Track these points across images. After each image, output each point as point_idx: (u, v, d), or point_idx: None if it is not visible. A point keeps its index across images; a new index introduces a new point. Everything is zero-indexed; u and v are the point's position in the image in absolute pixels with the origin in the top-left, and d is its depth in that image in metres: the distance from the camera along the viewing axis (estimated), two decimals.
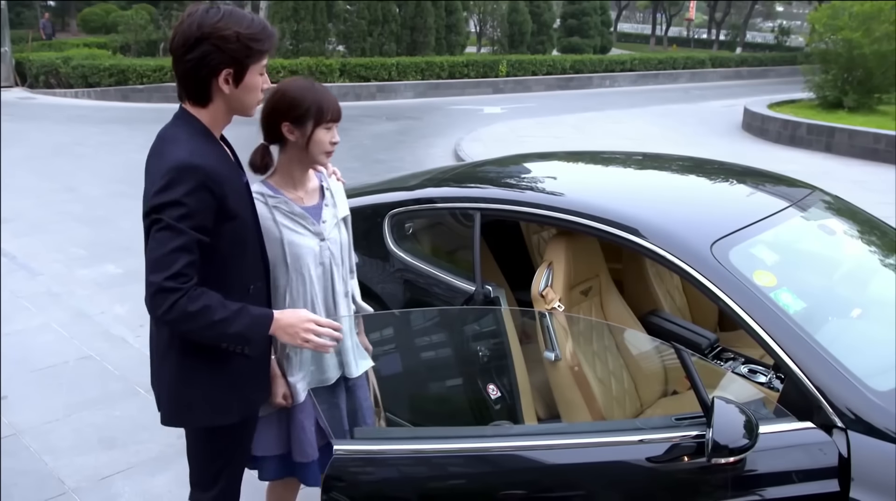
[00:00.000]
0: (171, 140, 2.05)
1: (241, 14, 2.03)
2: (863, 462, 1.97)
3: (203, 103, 2.07)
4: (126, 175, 9.86)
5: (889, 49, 14.14)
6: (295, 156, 2.33)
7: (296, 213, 2.33)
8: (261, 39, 2.03)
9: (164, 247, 1.93)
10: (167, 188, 1.95)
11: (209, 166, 1.99)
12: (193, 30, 1.97)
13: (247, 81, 2.05)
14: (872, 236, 3.21)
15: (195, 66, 2.00)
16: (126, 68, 18.53)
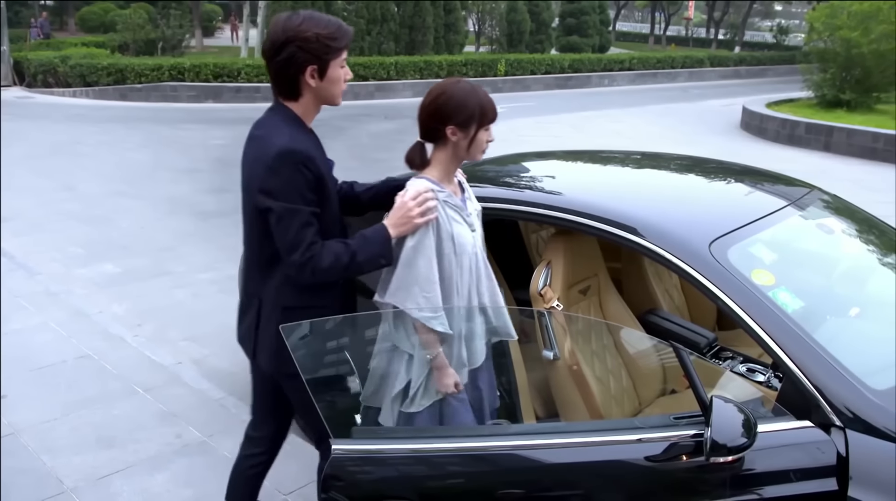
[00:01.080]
0: (273, 127, 2.36)
1: (318, 16, 2.31)
2: (861, 461, 1.97)
3: (294, 97, 2.36)
4: (124, 174, 9.86)
5: (887, 48, 14.15)
6: (453, 154, 2.40)
7: (458, 206, 2.41)
8: (337, 37, 2.29)
9: (290, 229, 2.25)
10: (276, 173, 2.25)
11: (306, 150, 2.28)
12: (279, 34, 2.27)
13: (329, 74, 2.32)
14: (871, 235, 3.21)
15: (284, 65, 2.29)
16: (124, 67, 18.51)
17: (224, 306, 5.34)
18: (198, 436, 3.68)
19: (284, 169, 2.25)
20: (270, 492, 3.25)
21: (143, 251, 6.77)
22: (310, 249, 2.25)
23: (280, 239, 2.29)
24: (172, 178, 9.75)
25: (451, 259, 2.36)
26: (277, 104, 2.41)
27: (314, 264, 2.26)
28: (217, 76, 18.66)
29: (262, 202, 2.29)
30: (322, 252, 2.27)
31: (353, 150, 11.87)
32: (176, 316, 5.33)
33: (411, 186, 2.35)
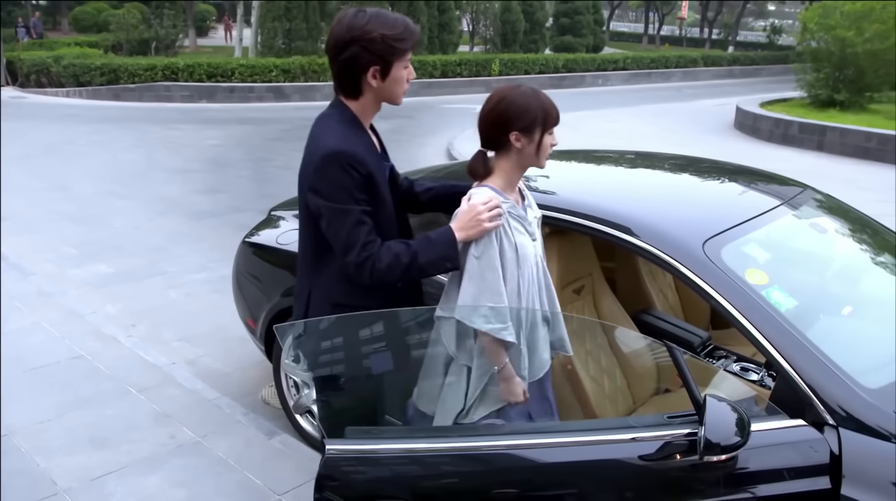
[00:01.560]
0: (326, 127, 2.35)
1: (385, 16, 2.27)
2: (854, 459, 1.98)
3: (355, 96, 2.35)
4: (118, 174, 9.84)
5: (880, 48, 14.19)
6: (517, 162, 2.34)
7: (521, 216, 2.36)
8: (403, 39, 2.27)
9: (343, 230, 2.25)
10: (324, 174, 2.26)
11: (355, 151, 2.26)
12: (343, 33, 2.24)
13: (392, 74, 2.30)
14: (864, 235, 3.22)
15: (346, 65, 2.28)
16: (117, 67, 18.47)
17: (218, 306, 5.35)
18: (192, 437, 3.67)
19: (331, 170, 2.25)
20: (264, 492, 3.25)
21: (136, 252, 6.76)
22: (366, 248, 2.25)
23: (334, 240, 2.30)
24: (166, 178, 9.73)
25: (514, 270, 2.31)
26: (337, 101, 2.40)
27: (372, 265, 2.25)
28: (211, 76, 18.63)
29: (312, 202, 2.32)
30: (380, 252, 2.26)
31: None
32: (169, 317, 5.32)
33: (475, 194, 2.30)
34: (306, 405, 3.64)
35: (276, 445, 3.61)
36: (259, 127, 14.20)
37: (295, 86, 19.05)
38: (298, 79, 19.33)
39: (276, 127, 14.25)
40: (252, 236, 4.13)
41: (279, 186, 9.03)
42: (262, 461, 3.48)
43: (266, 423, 3.83)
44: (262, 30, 21.82)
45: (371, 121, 2.45)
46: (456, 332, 2.38)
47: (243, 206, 8.32)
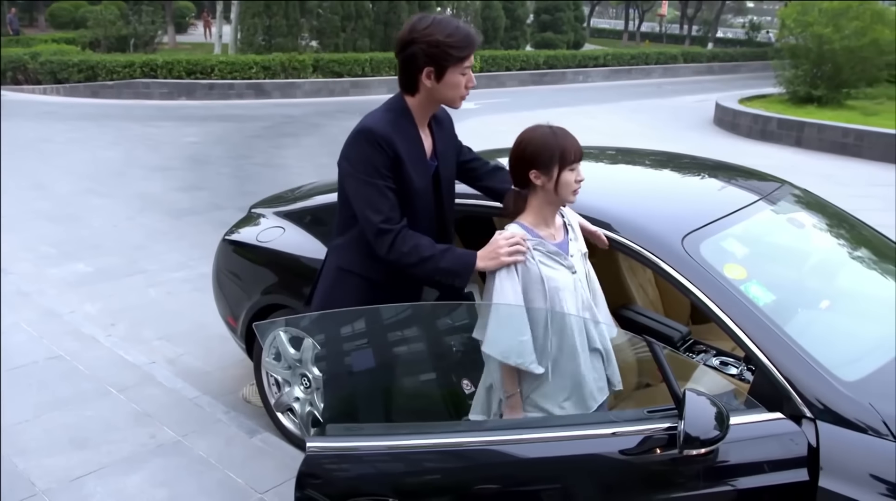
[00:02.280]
0: (373, 111, 2.56)
1: (447, 23, 2.42)
2: (831, 452, 2.00)
3: (411, 93, 2.52)
4: (96, 172, 9.75)
5: (857, 44, 14.32)
6: (544, 198, 2.41)
7: (551, 251, 2.40)
8: (461, 47, 2.40)
9: (368, 198, 2.45)
10: (352, 146, 2.49)
11: (386, 132, 2.44)
12: (406, 33, 2.43)
13: (447, 79, 2.44)
14: (841, 229, 3.25)
15: (405, 62, 2.45)
16: (95, 64, 18.29)
17: (198, 304, 5.32)
18: (172, 436, 3.65)
19: (360, 144, 2.46)
20: (246, 491, 3.23)
21: (115, 250, 6.70)
22: (391, 221, 2.43)
23: (358, 206, 2.48)
24: (145, 176, 9.65)
25: (541, 302, 2.36)
26: (398, 94, 2.57)
27: (394, 239, 2.41)
28: (190, 73, 18.49)
29: (342, 168, 2.54)
30: (407, 233, 2.44)
31: (329, 146, 11.83)
32: (149, 315, 5.28)
33: (507, 230, 2.45)
34: (287, 403, 3.63)
35: (257, 443, 3.60)
36: (239, 124, 14.12)
37: (275, 83, 18.94)
38: (279, 76, 19.23)
39: (257, 124, 14.18)
40: (232, 233, 4.10)
41: (259, 184, 8.99)
42: (243, 459, 3.46)
43: (247, 421, 3.81)
44: (242, 26, 21.69)
45: (428, 119, 2.62)
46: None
47: (223, 203, 8.27)
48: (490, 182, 2.88)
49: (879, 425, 2.00)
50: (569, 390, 2.38)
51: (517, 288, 2.34)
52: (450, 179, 2.77)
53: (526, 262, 2.35)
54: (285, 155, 11.26)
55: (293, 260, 3.62)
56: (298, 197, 4.10)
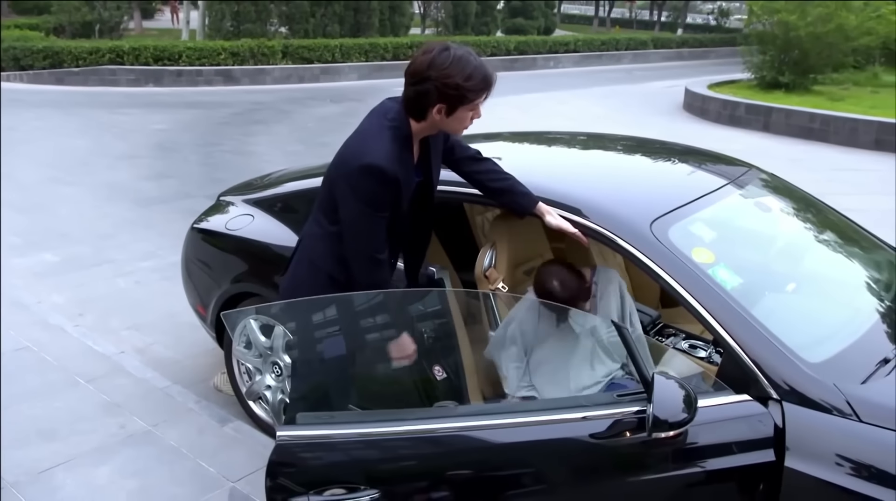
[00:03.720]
0: (379, 138, 2.49)
1: (466, 62, 2.38)
2: (797, 432, 2.04)
3: (417, 119, 2.51)
4: (62, 161, 9.59)
5: (823, 31, 14.46)
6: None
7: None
8: (478, 90, 2.42)
9: (367, 229, 2.53)
10: (360, 180, 2.45)
11: (394, 171, 2.44)
12: (424, 67, 2.39)
13: (457, 115, 2.47)
14: (807, 213, 3.30)
15: (418, 95, 2.43)
16: (60, 50, 17.94)
17: (167, 293, 5.27)
18: (143, 426, 3.62)
19: (368, 181, 2.44)
20: (218, 480, 3.22)
21: (82, 239, 6.61)
22: (378, 251, 2.57)
23: (352, 232, 2.56)
24: (112, 164, 9.51)
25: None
26: (402, 115, 2.52)
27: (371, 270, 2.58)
28: (158, 59, 18.21)
29: (342, 189, 2.53)
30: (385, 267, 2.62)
31: (299, 133, 11.74)
32: (118, 305, 5.22)
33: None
34: (259, 391, 3.61)
35: (229, 432, 3.58)
36: (208, 111, 13.95)
37: (244, 69, 18.72)
38: (248, 62, 19.00)
39: (226, 111, 14.02)
40: (201, 222, 4.06)
41: (228, 171, 8.90)
42: (215, 448, 3.45)
43: (219, 410, 3.79)
44: (210, 12, 21.38)
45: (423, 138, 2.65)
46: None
47: (192, 191, 8.18)
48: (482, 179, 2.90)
49: (843, 405, 2.04)
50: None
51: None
52: (433, 186, 2.80)
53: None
54: (255, 142, 11.16)
55: (263, 248, 3.60)
56: (268, 184, 4.07)
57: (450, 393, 2.77)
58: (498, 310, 3.01)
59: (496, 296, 3.00)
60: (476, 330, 3.15)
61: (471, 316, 3.27)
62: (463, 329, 3.00)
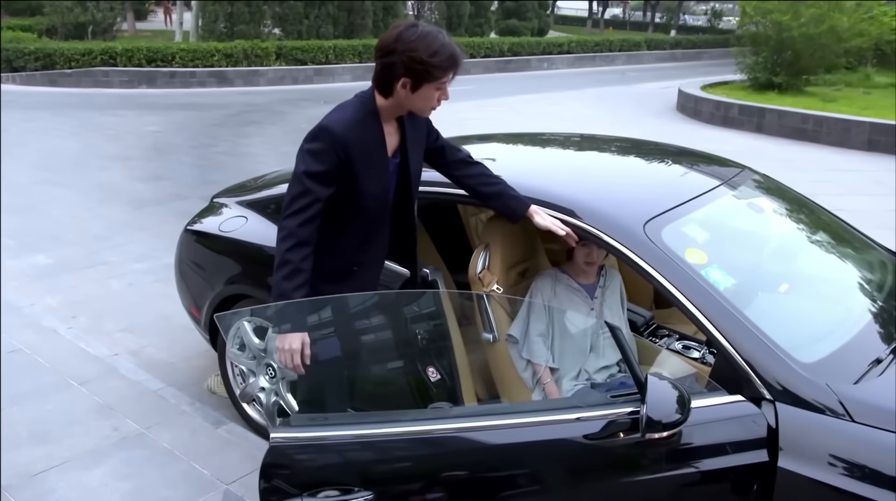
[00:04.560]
0: (340, 107, 2.57)
1: (433, 39, 2.40)
2: (790, 432, 2.04)
3: (384, 95, 2.53)
4: (55, 162, 9.57)
5: (816, 32, 14.50)
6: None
7: (576, 288, 3.11)
8: (443, 68, 2.43)
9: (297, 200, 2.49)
10: (309, 148, 2.50)
11: (342, 134, 2.47)
12: (391, 41, 2.42)
13: (422, 91, 2.47)
14: (800, 214, 3.30)
15: (384, 68, 2.46)
16: (53, 52, 17.90)
17: (161, 295, 5.26)
18: (136, 428, 3.61)
19: (314, 143, 2.49)
20: (211, 482, 3.21)
21: (75, 241, 6.59)
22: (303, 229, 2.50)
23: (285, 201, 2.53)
24: (105, 165, 9.49)
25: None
26: (370, 90, 2.57)
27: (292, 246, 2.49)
28: (150, 61, 18.18)
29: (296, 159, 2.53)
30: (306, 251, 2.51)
31: (293, 135, 11.72)
32: (111, 307, 5.21)
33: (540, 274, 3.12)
34: (252, 393, 3.60)
35: (222, 434, 3.57)
36: (201, 113, 13.93)
37: (238, 70, 18.70)
38: (241, 63, 18.98)
39: (219, 112, 14.00)
40: (194, 223, 4.06)
41: (222, 173, 8.89)
42: (208, 450, 3.44)
43: (212, 412, 3.79)
44: (203, 13, 21.35)
45: (395, 117, 2.64)
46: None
47: (185, 193, 8.17)
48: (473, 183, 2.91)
49: (836, 405, 2.05)
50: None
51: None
52: (415, 174, 2.77)
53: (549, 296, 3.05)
54: (248, 144, 11.15)
55: (256, 250, 3.59)
56: (261, 186, 4.06)
57: (444, 395, 2.78)
58: (492, 311, 3.01)
59: (490, 297, 3.00)
60: (470, 332, 3.15)
61: (465, 318, 3.28)
62: (457, 331, 3.00)
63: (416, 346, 2.78)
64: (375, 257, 2.78)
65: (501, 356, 3.03)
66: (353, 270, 2.70)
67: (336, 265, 2.66)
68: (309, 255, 2.51)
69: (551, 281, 3.10)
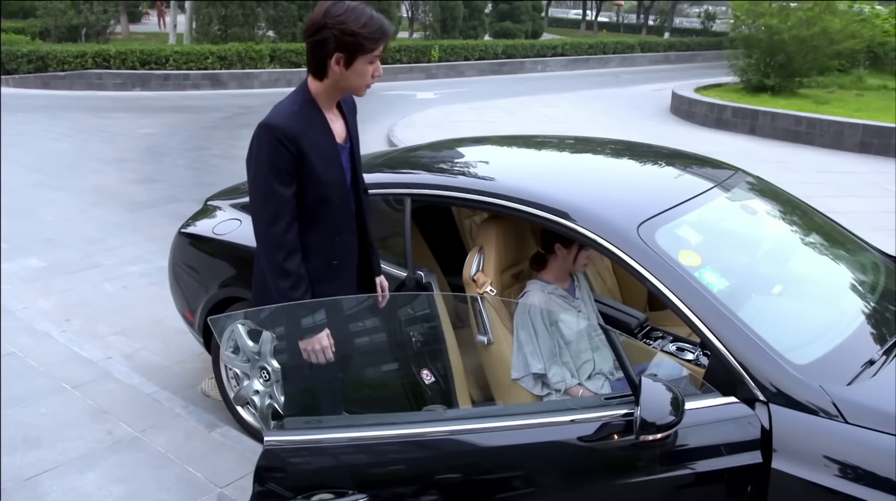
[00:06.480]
0: (278, 104, 2.55)
1: (361, 11, 2.40)
2: (783, 434, 2.05)
3: (319, 77, 2.51)
4: (48, 165, 9.55)
5: (807, 34, 14.54)
6: (561, 264, 3.15)
7: (563, 295, 3.16)
8: (374, 39, 2.42)
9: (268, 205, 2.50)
10: (253, 145, 2.50)
11: (288, 127, 2.45)
12: (319, 17, 2.41)
13: (355, 67, 2.45)
14: (793, 216, 3.32)
15: (315, 46, 2.44)
16: (46, 54, 17.86)
17: (155, 298, 5.25)
18: (130, 432, 3.60)
19: (262, 144, 2.46)
20: (206, 485, 3.21)
21: (69, 244, 6.57)
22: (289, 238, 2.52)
23: (253, 210, 2.58)
24: (99, 168, 9.47)
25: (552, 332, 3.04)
26: (304, 80, 2.57)
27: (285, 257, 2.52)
28: (144, 63, 18.16)
29: (248, 169, 2.54)
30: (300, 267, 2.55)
31: None
32: (105, 310, 5.19)
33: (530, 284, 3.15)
34: (247, 396, 3.60)
35: (216, 437, 3.57)
36: (195, 115, 13.91)
37: (231, 73, 18.68)
38: (235, 66, 18.96)
39: (213, 115, 13.99)
40: (188, 226, 4.05)
41: (216, 176, 8.88)
42: (202, 454, 3.43)
43: (206, 415, 3.78)
44: (197, 16, 21.33)
45: (334, 103, 2.63)
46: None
47: (179, 196, 8.16)
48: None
49: (830, 407, 2.05)
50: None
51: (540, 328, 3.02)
52: (360, 159, 2.79)
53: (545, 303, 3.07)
54: (243, 146, 11.02)
55: (250, 253, 3.57)
56: None
57: (438, 397, 2.78)
58: (486, 314, 3.01)
59: (484, 300, 3.00)
60: (464, 334, 3.15)
61: (459, 320, 3.28)
62: (451, 333, 3.00)
63: (410, 348, 2.78)
64: (349, 248, 2.74)
65: (495, 358, 3.03)
66: (332, 265, 2.68)
67: (315, 266, 2.63)
68: (301, 260, 2.53)
69: (541, 293, 3.11)
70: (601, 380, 3.07)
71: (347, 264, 2.75)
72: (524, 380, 2.99)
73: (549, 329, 3.03)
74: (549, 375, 2.98)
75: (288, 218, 2.50)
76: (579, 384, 3.01)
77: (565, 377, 2.99)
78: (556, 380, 2.98)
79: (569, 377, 3.00)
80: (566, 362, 3.03)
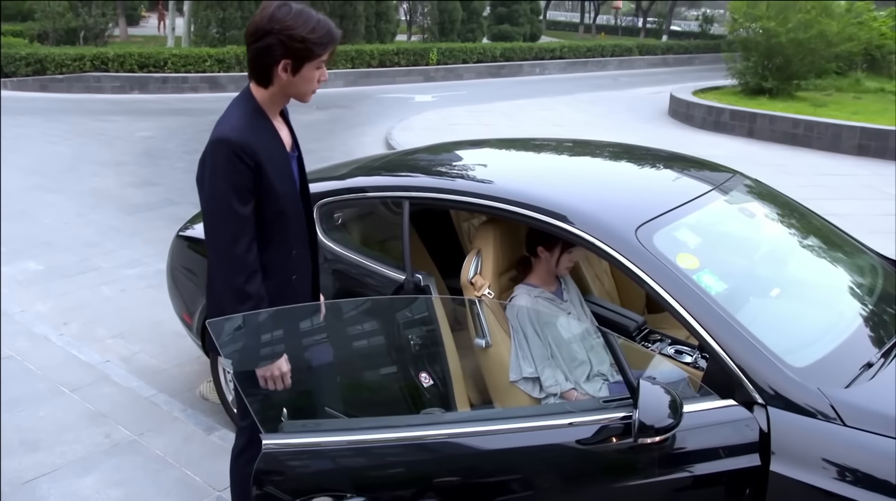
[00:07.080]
0: (226, 115, 2.41)
1: (308, 16, 2.29)
2: (782, 436, 2.05)
3: (264, 85, 2.39)
4: (46, 168, 9.54)
5: (805, 37, 14.57)
6: (546, 267, 3.18)
7: (551, 298, 3.18)
8: (323, 44, 2.32)
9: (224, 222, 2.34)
10: (208, 159, 2.32)
11: (244, 141, 2.30)
12: (265, 22, 2.27)
13: (303, 73, 2.34)
14: (791, 219, 3.32)
15: (260, 53, 2.31)
16: (44, 57, 17.86)
17: (153, 301, 5.25)
18: (128, 435, 3.60)
19: (219, 159, 2.30)
20: (204, 489, 3.21)
21: (67, 247, 6.57)
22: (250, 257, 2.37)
23: (207, 229, 2.42)
24: (97, 171, 9.47)
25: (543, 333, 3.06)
26: (246, 89, 2.44)
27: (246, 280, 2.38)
28: (143, 66, 18.17)
29: (201, 187, 2.37)
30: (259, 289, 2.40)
31: None
32: (103, 313, 5.19)
33: (517, 289, 3.15)
34: None
35: (215, 440, 3.56)
36: (193, 118, 13.91)
37: (230, 76, 18.69)
38: (233, 69, 18.98)
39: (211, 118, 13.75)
40: (186, 229, 4.05)
41: None
42: (201, 457, 3.43)
43: (205, 419, 3.78)
44: (196, 19, 21.36)
45: (279, 110, 2.52)
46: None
47: (177, 199, 8.16)
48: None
49: (828, 409, 2.05)
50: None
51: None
52: (304, 168, 2.69)
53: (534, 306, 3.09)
54: None
55: None
56: None
57: (437, 400, 2.77)
58: (484, 317, 3.01)
59: (482, 303, 3.00)
60: (463, 337, 3.15)
61: (457, 323, 3.28)
62: (449, 336, 2.99)
63: (408, 351, 2.78)
64: (305, 262, 2.64)
65: (493, 361, 3.03)
66: (292, 280, 2.56)
67: (276, 283, 2.51)
68: (262, 280, 2.40)
69: (528, 298, 3.11)
70: (599, 382, 3.06)
71: (304, 280, 2.64)
72: (521, 383, 2.99)
73: (539, 333, 3.02)
74: (542, 378, 2.97)
75: (248, 237, 2.35)
76: (574, 389, 3.01)
77: (559, 380, 2.99)
78: (550, 383, 2.98)
79: (562, 380, 3.00)
80: (559, 365, 3.03)
